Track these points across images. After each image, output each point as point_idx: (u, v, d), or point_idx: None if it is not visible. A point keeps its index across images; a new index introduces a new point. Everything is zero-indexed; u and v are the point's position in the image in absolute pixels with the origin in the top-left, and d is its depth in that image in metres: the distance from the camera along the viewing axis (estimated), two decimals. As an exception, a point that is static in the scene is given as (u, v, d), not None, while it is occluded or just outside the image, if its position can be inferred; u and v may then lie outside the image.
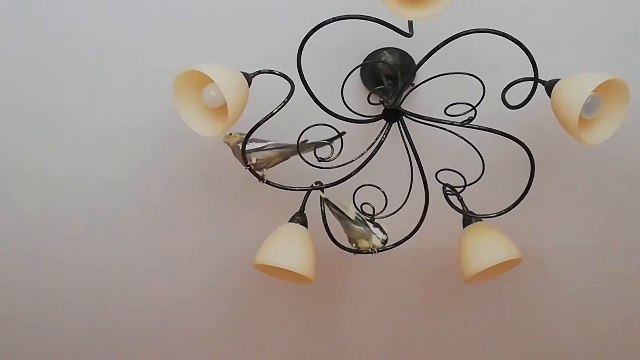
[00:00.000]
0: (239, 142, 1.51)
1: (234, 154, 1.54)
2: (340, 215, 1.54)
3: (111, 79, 1.63)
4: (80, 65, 1.61)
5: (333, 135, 1.50)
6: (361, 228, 1.53)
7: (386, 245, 1.56)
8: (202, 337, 2.35)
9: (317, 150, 1.49)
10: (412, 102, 1.63)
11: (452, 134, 1.51)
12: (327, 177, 1.58)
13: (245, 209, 1.90)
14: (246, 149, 1.50)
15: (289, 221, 1.63)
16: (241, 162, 1.52)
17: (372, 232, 1.53)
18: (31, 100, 1.67)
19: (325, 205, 1.56)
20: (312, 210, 1.62)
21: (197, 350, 2.39)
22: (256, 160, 1.52)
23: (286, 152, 1.54)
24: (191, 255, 2.06)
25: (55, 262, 2.06)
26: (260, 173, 1.53)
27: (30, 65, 1.61)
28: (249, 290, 2.17)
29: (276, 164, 1.54)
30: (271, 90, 1.49)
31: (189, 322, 2.29)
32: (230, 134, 1.51)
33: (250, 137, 1.49)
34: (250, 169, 1.52)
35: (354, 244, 1.56)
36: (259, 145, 1.52)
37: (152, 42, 1.57)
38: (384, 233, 1.54)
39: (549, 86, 1.41)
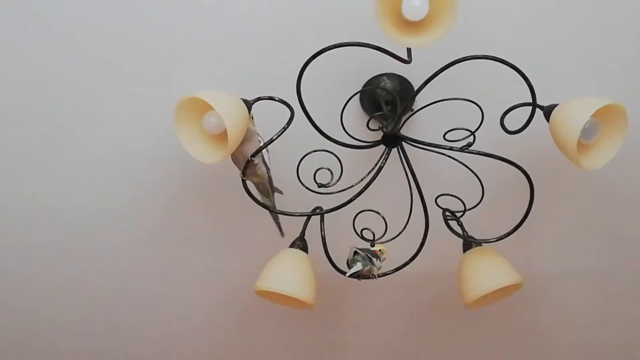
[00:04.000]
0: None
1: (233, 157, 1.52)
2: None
3: (111, 105, 1.64)
4: (79, 91, 1.62)
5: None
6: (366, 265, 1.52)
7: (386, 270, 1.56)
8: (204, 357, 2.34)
9: (316, 175, 1.50)
10: (412, 128, 1.64)
11: (451, 159, 1.52)
12: (327, 202, 1.58)
13: (246, 233, 1.90)
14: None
15: (289, 246, 1.63)
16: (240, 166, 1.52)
17: (374, 264, 1.52)
18: (28, 125, 1.67)
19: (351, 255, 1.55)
20: (313, 236, 1.62)
21: (197, 377, 2.38)
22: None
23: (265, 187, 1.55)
24: (191, 279, 2.06)
25: (53, 285, 2.05)
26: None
27: (27, 91, 1.62)
28: (249, 315, 2.17)
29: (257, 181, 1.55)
30: (272, 116, 1.50)
31: (188, 346, 2.29)
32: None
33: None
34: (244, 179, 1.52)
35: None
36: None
37: (154, 69, 1.58)
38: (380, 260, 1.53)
39: (547, 111, 1.42)
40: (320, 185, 1.49)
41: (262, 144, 1.47)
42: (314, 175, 1.50)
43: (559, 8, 1.48)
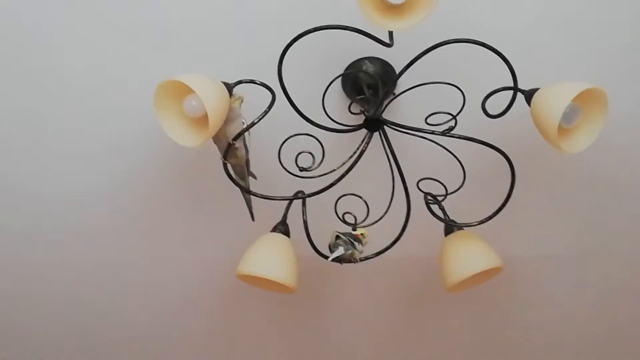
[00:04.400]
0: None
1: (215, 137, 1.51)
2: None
3: (91, 87, 1.62)
4: (59, 73, 1.60)
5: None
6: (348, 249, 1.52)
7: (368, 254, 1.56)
8: (185, 347, 2.34)
9: (298, 159, 1.49)
10: (393, 112, 1.64)
11: (433, 143, 1.52)
12: (308, 186, 1.58)
13: (227, 218, 1.90)
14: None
15: (271, 231, 1.62)
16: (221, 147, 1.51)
17: (356, 248, 1.52)
18: (8, 109, 1.66)
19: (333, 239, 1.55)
20: (294, 220, 1.62)
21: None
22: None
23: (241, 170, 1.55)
24: (172, 265, 2.05)
25: (35, 267, 2.05)
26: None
27: (8, 75, 1.60)
28: (231, 300, 2.17)
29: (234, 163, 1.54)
30: (254, 98, 1.49)
31: (171, 333, 2.28)
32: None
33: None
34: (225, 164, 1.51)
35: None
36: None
37: (134, 53, 1.56)
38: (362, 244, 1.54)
39: (529, 95, 1.42)
40: (302, 169, 1.49)
41: (245, 126, 1.47)
42: (296, 159, 1.49)
43: (541, -8, 1.48)
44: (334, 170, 1.51)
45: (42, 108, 1.66)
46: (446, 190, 1.55)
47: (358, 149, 1.51)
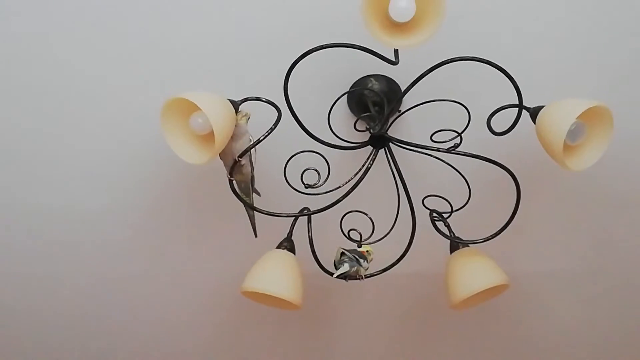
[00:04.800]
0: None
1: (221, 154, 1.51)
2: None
3: (96, 103, 1.63)
4: (67, 93, 1.61)
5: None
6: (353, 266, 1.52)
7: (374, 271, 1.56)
8: (189, 364, 2.33)
9: (303, 176, 1.50)
10: (399, 129, 1.64)
11: (438, 160, 1.52)
12: (314, 203, 1.58)
13: (232, 234, 1.90)
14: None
15: (277, 247, 1.62)
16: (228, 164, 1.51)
17: (361, 265, 1.52)
18: (16, 127, 1.67)
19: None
20: (300, 236, 1.62)
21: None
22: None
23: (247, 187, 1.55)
24: (178, 280, 2.05)
25: (34, 284, 2.05)
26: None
27: (17, 93, 1.61)
28: (236, 316, 2.16)
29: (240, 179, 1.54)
30: (260, 116, 1.50)
31: (173, 347, 2.28)
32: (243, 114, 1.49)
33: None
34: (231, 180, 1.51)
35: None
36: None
37: (140, 71, 1.57)
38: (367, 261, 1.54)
39: (534, 113, 1.42)
40: (307, 186, 1.49)
41: (251, 143, 1.47)
42: (301, 175, 1.50)
43: (547, 9, 1.49)
44: (340, 187, 1.51)
45: (51, 124, 1.66)
46: (451, 207, 1.55)
47: (363, 166, 1.51)
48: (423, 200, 1.57)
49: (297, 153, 1.50)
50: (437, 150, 1.46)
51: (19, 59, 1.55)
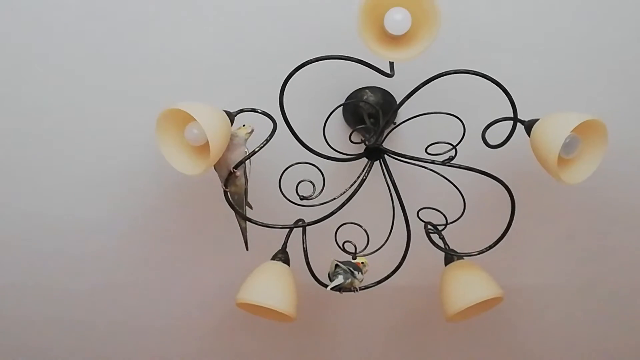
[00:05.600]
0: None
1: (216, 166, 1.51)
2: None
3: (91, 116, 1.63)
4: (62, 103, 1.61)
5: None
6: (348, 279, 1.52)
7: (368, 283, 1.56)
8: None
9: (298, 188, 1.50)
10: (394, 141, 1.64)
11: (433, 172, 1.52)
12: (309, 214, 1.58)
13: (227, 245, 1.89)
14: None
15: (271, 259, 1.62)
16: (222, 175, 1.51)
17: (355, 277, 1.52)
18: (18, 136, 1.66)
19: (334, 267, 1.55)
20: (294, 248, 1.62)
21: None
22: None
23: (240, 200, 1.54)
24: (171, 291, 2.04)
25: (30, 292, 2.04)
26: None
27: (12, 102, 1.61)
28: (230, 328, 2.16)
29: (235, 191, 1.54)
30: (256, 127, 1.50)
31: (167, 358, 2.27)
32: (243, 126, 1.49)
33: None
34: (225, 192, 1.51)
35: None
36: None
37: (136, 80, 1.57)
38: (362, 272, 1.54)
39: (529, 126, 1.43)
40: (302, 198, 1.49)
41: (246, 155, 1.47)
42: (296, 187, 1.50)
43: (542, 22, 1.50)
44: (335, 198, 1.51)
45: (46, 135, 1.66)
46: (446, 219, 1.55)
47: (358, 177, 1.51)
48: (418, 213, 1.57)
49: (292, 164, 1.50)
50: (432, 162, 1.46)
51: (14, 67, 1.55)
